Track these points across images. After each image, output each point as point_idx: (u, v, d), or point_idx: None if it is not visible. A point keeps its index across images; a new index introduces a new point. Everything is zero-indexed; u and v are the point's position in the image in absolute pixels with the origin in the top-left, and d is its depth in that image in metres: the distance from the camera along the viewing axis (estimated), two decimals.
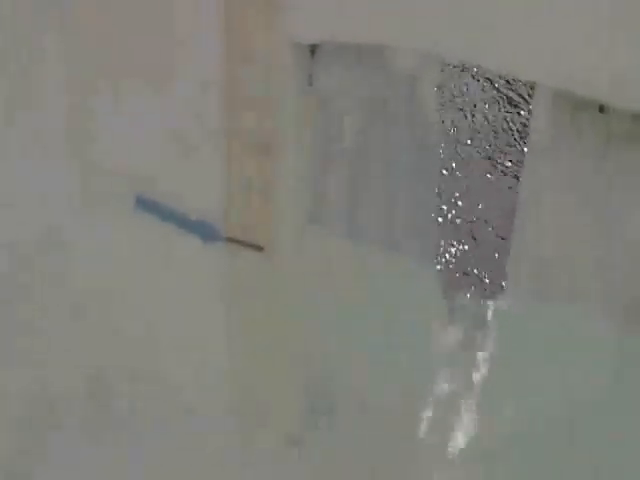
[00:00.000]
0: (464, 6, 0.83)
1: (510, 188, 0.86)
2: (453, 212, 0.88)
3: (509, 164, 0.86)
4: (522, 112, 0.85)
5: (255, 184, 0.92)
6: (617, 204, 0.82)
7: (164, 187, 0.95)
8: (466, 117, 0.86)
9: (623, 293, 0.83)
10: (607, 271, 0.83)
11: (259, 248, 0.93)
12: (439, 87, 0.86)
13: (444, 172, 0.87)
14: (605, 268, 0.84)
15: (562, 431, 0.88)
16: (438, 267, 0.88)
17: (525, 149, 0.85)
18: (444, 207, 0.88)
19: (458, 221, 0.88)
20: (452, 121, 0.87)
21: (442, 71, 0.86)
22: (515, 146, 0.85)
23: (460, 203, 0.87)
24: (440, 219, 0.88)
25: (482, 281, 0.88)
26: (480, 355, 0.90)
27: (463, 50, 0.84)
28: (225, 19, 0.89)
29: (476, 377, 0.91)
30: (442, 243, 0.88)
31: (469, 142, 0.87)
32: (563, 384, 0.87)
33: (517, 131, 0.85)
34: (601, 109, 0.83)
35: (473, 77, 0.85)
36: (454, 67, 0.85)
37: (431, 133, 0.87)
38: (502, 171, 0.86)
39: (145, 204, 0.95)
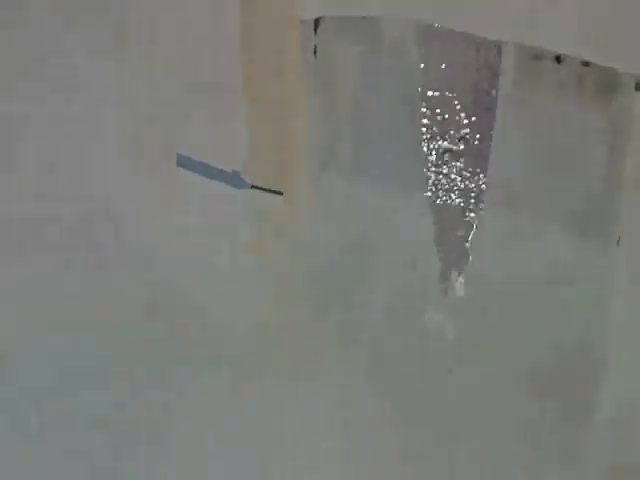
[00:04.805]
0: None
1: (484, 128, 1.03)
2: (438, 152, 1.06)
3: (483, 109, 1.03)
4: (493, 65, 1.02)
5: (274, 141, 1.10)
6: (569, 136, 1.00)
7: (201, 147, 1.14)
8: (446, 70, 1.03)
9: (575, 207, 1.01)
10: (562, 190, 1.01)
11: (279, 193, 1.11)
12: (422, 47, 1.03)
13: (426, 121, 1.05)
14: (559, 183, 1.01)
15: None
16: (429, 194, 1.06)
17: (496, 94, 1.02)
18: (431, 147, 1.06)
19: (443, 155, 1.05)
20: (435, 73, 1.04)
21: (425, 34, 1.03)
22: (489, 92, 1.02)
23: (443, 142, 1.05)
24: (428, 157, 1.06)
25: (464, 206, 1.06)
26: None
27: (440, 16, 1.02)
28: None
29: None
30: (431, 175, 1.06)
31: (449, 93, 1.04)
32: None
33: (489, 79, 1.02)
34: (557, 59, 1.00)
35: (449, 36, 1.02)
36: (434, 30, 1.02)
37: (417, 85, 1.04)
38: (477, 114, 1.03)
39: (184, 160, 1.13)
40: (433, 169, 1.06)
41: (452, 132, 1.05)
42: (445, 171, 1.06)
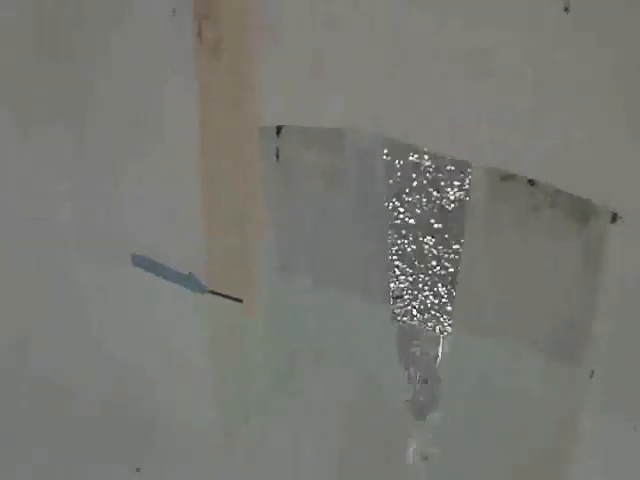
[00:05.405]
0: (408, 97, 0.94)
1: (452, 247, 0.97)
2: (402, 269, 1.00)
3: (451, 227, 0.97)
4: (459, 185, 0.95)
5: (233, 247, 1.05)
6: (538, 258, 0.94)
7: (164, 252, 1.10)
8: (411, 187, 0.97)
9: (544, 329, 0.95)
10: (531, 311, 0.95)
11: (239, 300, 1.06)
12: (388, 163, 0.97)
13: (392, 232, 0.99)
14: (529, 308, 0.95)
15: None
16: (392, 308, 1.01)
17: (465, 213, 0.96)
18: (395, 263, 1.00)
19: (405, 270, 1.00)
20: (401, 190, 0.98)
21: (392, 150, 0.96)
22: (457, 211, 0.96)
23: (409, 259, 0.99)
24: (392, 270, 1.00)
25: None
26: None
27: (407, 132, 0.95)
28: (202, 108, 1.01)
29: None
30: (395, 288, 1.00)
31: (416, 211, 0.98)
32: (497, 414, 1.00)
33: (458, 197, 0.96)
34: (530, 182, 0.93)
35: (416, 154, 0.96)
36: (401, 146, 0.96)
37: (381, 200, 0.98)
38: (444, 233, 0.97)
39: (141, 261, 1.08)
40: (397, 284, 1.00)
41: (418, 252, 0.99)
42: (409, 287, 1.00)
